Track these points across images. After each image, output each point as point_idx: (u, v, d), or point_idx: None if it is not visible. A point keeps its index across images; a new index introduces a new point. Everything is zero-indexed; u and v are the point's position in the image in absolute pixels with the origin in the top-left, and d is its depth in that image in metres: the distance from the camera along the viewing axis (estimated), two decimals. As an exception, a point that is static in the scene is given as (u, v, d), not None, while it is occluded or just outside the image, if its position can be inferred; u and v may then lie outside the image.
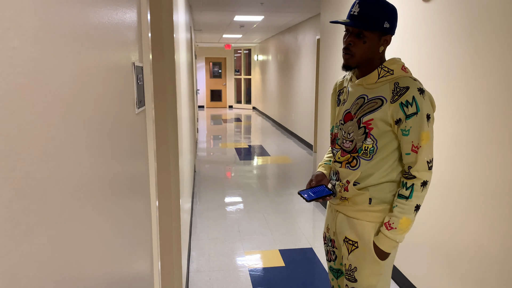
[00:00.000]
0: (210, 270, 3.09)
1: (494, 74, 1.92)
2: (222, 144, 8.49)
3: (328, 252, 1.74)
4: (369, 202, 1.50)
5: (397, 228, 1.43)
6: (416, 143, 1.41)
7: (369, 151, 1.47)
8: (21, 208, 0.40)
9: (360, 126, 1.48)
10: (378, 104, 1.44)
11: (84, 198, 0.60)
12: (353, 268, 1.53)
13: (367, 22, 1.40)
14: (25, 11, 0.40)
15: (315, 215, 4.31)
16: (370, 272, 1.51)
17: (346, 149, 1.54)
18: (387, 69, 1.46)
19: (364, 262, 1.51)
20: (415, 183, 1.42)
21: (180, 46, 2.87)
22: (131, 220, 0.91)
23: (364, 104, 1.48)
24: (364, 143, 1.47)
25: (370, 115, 1.45)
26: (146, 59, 1.14)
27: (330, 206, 1.71)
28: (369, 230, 1.50)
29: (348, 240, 1.55)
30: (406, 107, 1.39)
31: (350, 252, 1.54)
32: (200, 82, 16.10)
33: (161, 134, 1.95)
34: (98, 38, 0.68)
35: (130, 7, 0.96)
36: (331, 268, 1.76)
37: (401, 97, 1.39)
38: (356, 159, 1.51)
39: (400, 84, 1.42)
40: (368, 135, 1.46)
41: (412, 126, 1.40)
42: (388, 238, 1.45)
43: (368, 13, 1.39)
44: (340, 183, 1.56)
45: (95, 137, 0.66)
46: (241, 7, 6.74)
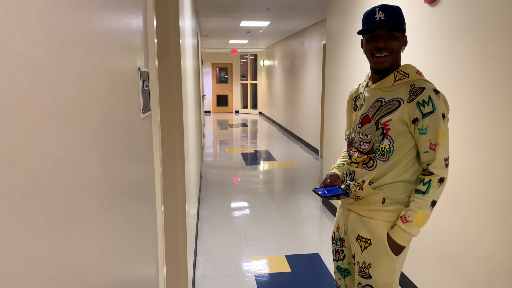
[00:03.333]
0: (216, 275, 3.08)
1: (500, 76, 1.90)
2: (228, 149, 8.50)
3: (337, 252, 1.76)
4: (383, 202, 1.53)
5: (412, 222, 1.47)
6: (433, 141, 1.46)
7: (385, 151, 1.52)
8: (25, 213, 0.40)
9: (378, 127, 1.53)
10: (395, 106, 1.50)
11: (89, 202, 0.60)
12: (367, 265, 1.55)
13: (396, 23, 1.50)
14: (30, 16, 0.41)
15: (322, 220, 4.29)
16: (385, 268, 1.53)
17: (362, 151, 1.59)
18: (403, 72, 1.53)
19: (378, 258, 1.53)
20: (432, 179, 1.47)
21: (187, 51, 2.89)
22: (136, 224, 0.91)
23: (381, 107, 1.54)
24: (381, 143, 1.52)
25: (388, 116, 1.51)
26: (152, 64, 1.15)
27: (342, 205, 1.74)
28: (382, 228, 1.54)
29: (361, 238, 1.58)
30: (423, 106, 1.45)
31: (363, 250, 1.57)
32: (207, 87, 16.16)
33: (167, 139, 1.95)
34: (103, 43, 0.68)
35: (136, 13, 0.97)
36: (338, 268, 1.77)
37: (417, 96, 1.46)
38: (372, 160, 1.55)
39: (416, 85, 1.49)
40: (386, 135, 1.51)
41: (429, 124, 1.45)
42: (403, 231, 1.48)
43: (394, 16, 1.50)
44: (355, 183, 1.60)
45: (100, 142, 0.66)
46: (247, 13, 6.77)
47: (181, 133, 2.02)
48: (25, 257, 0.40)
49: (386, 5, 1.52)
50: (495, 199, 1.97)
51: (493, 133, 1.97)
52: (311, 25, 8.24)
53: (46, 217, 0.45)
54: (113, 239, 0.72)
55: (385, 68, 1.53)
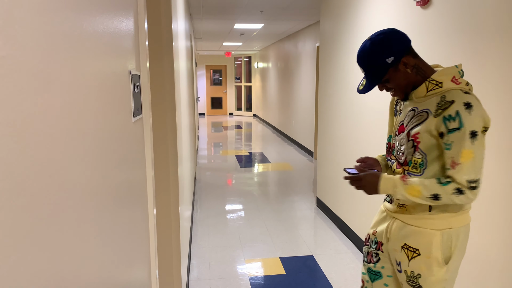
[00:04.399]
0: (211, 278, 3.07)
1: (492, 78, 1.92)
2: (222, 151, 8.49)
3: (369, 253, 1.71)
4: (429, 210, 1.47)
5: (407, 185, 1.42)
6: (455, 160, 1.36)
7: (418, 165, 1.46)
8: (12, 216, 0.39)
9: (409, 139, 1.48)
10: (423, 117, 1.44)
11: (78, 206, 0.59)
12: (416, 275, 1.51)
13: (372, 75, 1.48)
14: (15, 19, 0.40)
15: (316, 222, 4.29)
16: (436, 278, 1.48)
17: (399, 161, 1.55)
18: (435, 82, 1.43)
19: (429, 269, 1.48)
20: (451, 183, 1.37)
21: (180, 54, 2.88)
22: (127, 228, 0.90)
23: (413, 117, 1.49)
24: (414, 156, 1.47)
25: (416, 128, 1.45)
26: (144, 67, 1.14)
27: (383, 211, 1.68)
28: (430, 237, 1.47)
29: (408, 247, 1.52)
30: (449, 121, 1.35)
31: (410, 259, 1.52)
32: (201, 89, 16.15)
33: (160, 142, 1.95)
34: (92, 46, 0.68)
35: (127, 16, 0.97)
36: (369, 270, 1.71)
37: (444, 111, 1.36)
38: (408, 173, 1.50)
39: (447, 98, 1.38)
40: (416, 148, 1.45)
41: (454, 141, 1.36)
42: (392, 181, 1.45)
43: (367, 66, 1.48)
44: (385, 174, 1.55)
45: (90, 145, 0.65)
46: (241, 15, 6.78)
47: (174, 135, 2.01)
48: (12, 262, 0.39)
49: (360, 54, 1.50)
50: (489, 200, 1.98)
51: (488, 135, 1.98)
52: (305, 28, 8.26)
53: (33, 220, 0.44)
54: (103, 243, 0.72)
55: (400, 98, 1.55)
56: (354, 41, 3.63)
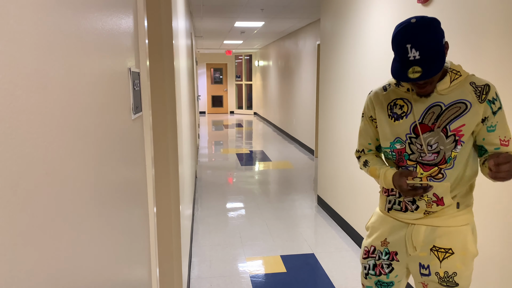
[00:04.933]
0: (211, 276, 3.07)
1: (493, 76, 1.91)
2: (223, 149, 8.49)
3: (377, 266, 1.63)
4: (457, 207, 1.47)
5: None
6: (503, 137, 1.41)
7: (454, 157, 1.44)
8: (9, 216, 0.39)
9: (449, 135, 1.42)
10: (462, 109, 1.39)
11: (78, 204, 0.59)
12: (451, 274, 1.49)
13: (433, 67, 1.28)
14: (11, 15, 0.40)
15: (317, 221, 4.29)
16: (470, 272, 1.50)
17: (429, 163, 1.46)
18: (455, 71, 1.42)
19: (465, 265, 1.48)
20: None
21: (180, 52, 2.88)
22: (127, 226, 0.90)
23: (444, 112, 1.41)
24: (454, 151, 1.43)
25: (458, 121, 1.40)
26: (143, 65, 1.14)
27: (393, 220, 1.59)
28: (463, 233, 1.47)
29: (438, 249, 1.49)
30: (493, 104, 1.39)
31: (442, 260, 1.49)
32: (201, 88, 16.14)
33: (160, 140, 1.94)
34: (91, 44, 0.67)
35: (126, 13, 0.96)
36: (379, 282, 1.64)
37: (487, 94, 1.39)
38: (442, 173, 1.45)
39: (477, 83, 1.40)
40: (459, 142, 1.42)
41: (499, 121, 1.41)
42: None
43: (430, 54, 1.28)
44: (425, 198, 1.48)
45: (89, 143, 0.65)
46: (241, 14, 6.77)
47: (175, 134, 2.01)
48: (12, 261, 0.39)
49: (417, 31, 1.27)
50: (490, 199, 1.98)
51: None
52: (305, 26, 8.25)
53: (30, 219, 0.44)
54: (103, 242, 0.71)
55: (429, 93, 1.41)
56: (354, 39, 3.62)
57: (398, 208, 1.56)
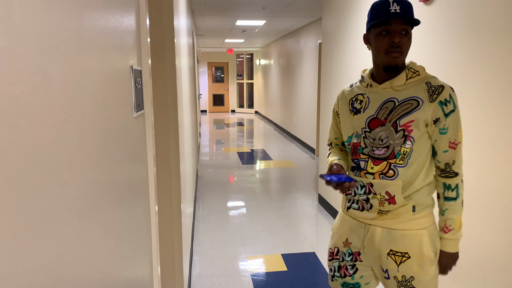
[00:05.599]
0: (213, 275, 3.07)
1: (495, 75, 1.91)
2: (224, 148, 8.49)
3: (342, 267, 1.62)
4: (413, 210, 1.46)
5: (455, 229, 1.46)
6: (453, 140, 1.43)
7: (406, 154, 1.44)
8: (14, 214, 0.39)
9: (398, 130, 1.43)
10: (413, 105, 1.42)
11: (79, 202, 0.59)
12: (408, 279, 1.48)
13: (412, 16, 1.39)
14: (14, 12, 0.40)
15: (318, 219, 4.29)
16: (430, 277, 1.48)
17: (378, 157, 1.48)
18: (413, 70, 1.45)
19: (422, 269, 1.47)
20: (458, 183, 1.44)
21: (182, 50, 2.88)
22: (129, 225, 0.90)
23: (396, 107, 1.44)
24: (403, 146, 1.44)
25: (408, 117, 1.42)
26: (145, 63, 1.14)
27: (351, 220, 1.60)
28: (418, 237, 1.47)
29: (395, 253, 1.48)
30: (445, 105, 1.40)
31: (399, 264, 1.48)
32: (203, 86, 16.14)
33: (162, 139, 1.94)
34: (93, 42, 0.67)
35: (128, 12, 0.96)
36: (344, 284, 1.63)
37: (439, 95, 1.40)
38: (393, 170, 1.45)
39: (433, 84, 1.42)
40: (408, 137, 1.43)
41: (451, 123, 1.41)
42: (451, 240, 1.46)
43: (408, 9, 1.38)
44: (378, 196, 1.48)
45: (91, 140, 0.65)
46: (243, 12, 6.76)
47: (176, 132, 2.01)
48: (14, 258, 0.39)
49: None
50: (492, 199, 1.97)
51: (488, 131, 1.97)
52: (307, 24, 8.23)
53: (33, 216, 0.44)
54: (105, 240, 0.72)
55: (398, 65, 1.42)
56: (356, 38, 3.61)
57: (356, 207, 1.57)
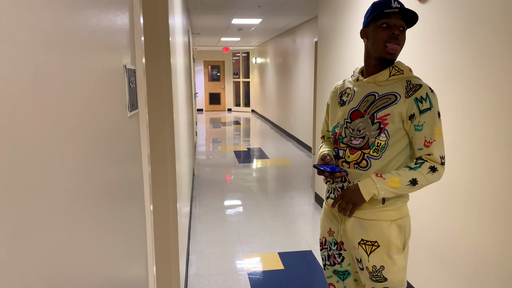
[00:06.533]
0: (209, 274, 3.07)
1: (491, 74, 1.91)
2: (221, 147, 8.48)
3: (331, 256, 1.70)
4: (383, 202, 1.51)
5: (384, 179, 1.47)
6: (428, 138, 1.46)
7: (380, 147, 1.49)
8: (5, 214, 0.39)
9: (374, 122, 1.50)
10: (391, 100, 1.49)
11: (72, 202, 0.58)
12: (379, 268, 1.52)
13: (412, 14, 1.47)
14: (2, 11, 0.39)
15: (314, 217, 4.29)
16: (398, 267, 1.52)
17: (355, 146, 1.55)
18: (398, 68, 1.52)
19: (390, 258, 1.51)
20: (424, 163, 1.47)
21: (177, 49, 2.86)
22: (124, 225, 0.90)
23: (375, 101, 1.51)
24: (377, 138, 1.49)
25: (385, 110, 1.48)
26: (139, 62, 1.13)
27: (329, 210, 1.68)
28: (387, 227, 1.51)
29: (365, 242, 1.53)
30: (421, 103, 1.45)
31: (369, 253, 1.53)
32: (199, 85, 16.11)
33: (157, 138, 1.94)
34: (85, 40, 0.67)
35: (121, 10, 0.96)
36: (335, 272, 1.71)
37: (415, 92, 1.46)
38: (366, 160, 1.52)
39: (412, 82, 1.48)
40: (383, 130, 1.48)
41: (426, 121, 1.45)
42: (371, 180, 1.47)
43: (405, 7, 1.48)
44: (350, 185, 1.55)
45: (84, 140, 0.65)
46: (238, 11, 6.75)
47: (172, 131, 2.00)
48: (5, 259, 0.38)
49: None
50: (488, 197, 1.98)
51: (486, 132, 1.98)
52: (303, 23, 8.23)
53: (23, 217, 0.43)
54: (99, 240, 0.71)
55: (394, 58, 1.50)
56: (352, 36, 3.61)
57: (332, 196, 1.65)
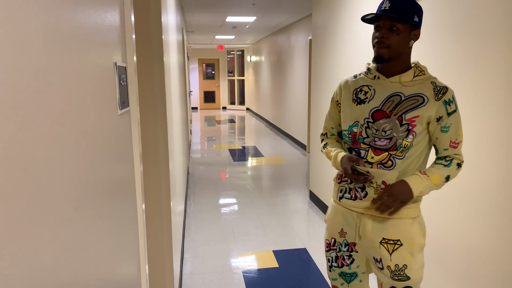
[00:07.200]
0: (204, 272, 3.07)
1: (489, 71, 1.92)
2: (216, 145, 8.47)
3: (339, 258, 1.67)
4: None
5: (429, 176, 1.49)
6: (454, 139, 1.50)
7: (406, 148, 1.50)
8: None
9: (403, 124, 1.49)
10: (419, 102, 1.48)
11: (60, 202, 0.58)
12: (401, 267, 1.51)
13: (399, 14, 1.45)
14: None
15: (309, 215, 4.30)
16: (419, 265, 1.53)
17: (380, 147, 1.52)
18: (420, 69, 1.53)
19: (413, 257, 1.52)
20: (453, 160, 1.52)
21: (171, 47, 2.85)
22: (114, 224, 0.89)
23: (402, 102, 1.50)
24: (405, 140, 1.49)
25: (413, 112, 1.48)
26: (130, 59, 1.12)
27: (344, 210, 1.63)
28: (409, 225, 1.52)
29: (387, 241, 1.52)
30: (449, 105, 1.48)
31: (392, 252, 1.52)
32: (193, 83, 16.06)
33: (150, 136, 1.93)
34: (73, 37, 0.66)
35: (111, 7, 0.94)
36: (342, 274, 1.68)
37: (444, 95, 1.47)
38: (391, 160, 1.51)
39: (437, 84, 1.50)
40: (411, 132, 1.49)
41: (452, 123, 1.49)
42: (419, 177, 1.49)
43: (399, 6, 1.45)
44: (374, 185, 1.53)
45: (73, 139, 0.64)
46: (233, 8, 6.73)
47: (165, 129, 1.99)
48: None
49: None
50: (481, 193, 1.99)
51: (481, 129, 1.99)
52: (297, 21, 8.22)
53: (16, 218, 0.43)
54: (89, 239, 0.70)
55: (382, 57, 1.49)
56: (346, 34, 3.61)
57: (348, 196, 1.61)
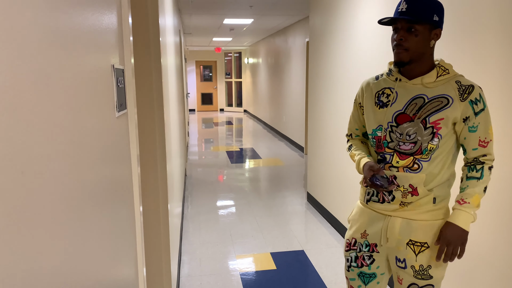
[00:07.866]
0: (202, 274, 3.06)
1: (490, 73, 1.92)
2: (213, 147, 8.47)
3: (359, 258, 1.67)
4: (433, 202, 1.51)
5: (470, 203, 1.45)
6: (483, 138, 1.46)
7: (432, 151, 1.47)
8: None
9: (427, 127, 1.46)
10: (443, 103, 1.44)
11: (57, 204, 0.58)
12: (426, 267, 1.52)
13: (416, 15, 1.40)
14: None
15: (307, 217, 4.30)
16: (444, 265, 1.54)
17: (405, 151, 1.50)
18: (443, 68, 1.48)
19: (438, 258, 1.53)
20: (484, 166, 1.47)
21: (168, 49, 2.85)
22: (111, 226, 0.89)
23: (425, 104, 1.46)
24: (430, 143, 1.47)
25: (438, 114, 1.44)
26: (128, 61, 1.13)
27: (371, 212, 1.63)
28: (437, 227, 1.51)
29: (414, 243, 1.52)
30: (476, 104, 1.43)
31: (418, 254, 1.53)
32: (191, 85, 16.06)
33: (148, 138, 1.92)
34: (71, 39, 0.66)
35: (109, 9, 0.95)
36: (361, 274, 1.68)
37: (470, 95, 1.43)
38: (417, 163, 1.49)
39: (463, 83, 1.45)
40: (436, 134, 1.46)
41: (481, 122, 1.44)
42: (463, 212, 1.45)
43: (416, 7, 1.41)
44: (401, 188, 1.52)
45: (71, 141, 0.64)
46: (230, 10, 6.74)
47: (162, 131, 1.99)
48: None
49: None
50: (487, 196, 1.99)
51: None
52: (295, 23, 8.24)
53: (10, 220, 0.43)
54: (85, 241, 0.70)
55: (402, 61, 1.45)
56: (343, 36, 3.62)
57: (376, 199, 1.60)
